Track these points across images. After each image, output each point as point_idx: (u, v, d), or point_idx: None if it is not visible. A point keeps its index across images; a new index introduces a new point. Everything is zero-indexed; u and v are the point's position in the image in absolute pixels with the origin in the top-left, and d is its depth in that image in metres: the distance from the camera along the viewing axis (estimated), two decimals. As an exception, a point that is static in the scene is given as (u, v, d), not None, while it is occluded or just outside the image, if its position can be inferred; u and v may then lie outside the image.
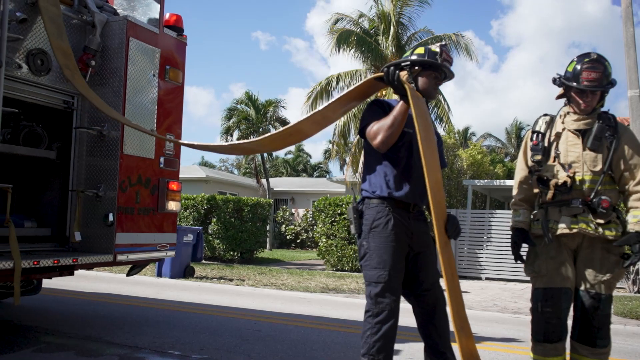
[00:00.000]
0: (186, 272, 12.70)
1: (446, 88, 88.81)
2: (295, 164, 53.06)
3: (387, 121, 3.41)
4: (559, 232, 3.61)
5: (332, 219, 16.23)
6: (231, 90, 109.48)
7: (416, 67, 3.54)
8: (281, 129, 3.92)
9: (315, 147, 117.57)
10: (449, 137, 18.12)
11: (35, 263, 4.45)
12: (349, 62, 47.94)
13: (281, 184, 32.87)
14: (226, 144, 5.32)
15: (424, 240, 3.62)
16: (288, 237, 26.73)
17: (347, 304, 9.41)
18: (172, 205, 5.66)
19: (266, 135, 4.08)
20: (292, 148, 54.63)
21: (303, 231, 26.43)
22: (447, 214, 3.41)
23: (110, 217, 5.12)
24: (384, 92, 22.38)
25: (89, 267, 5.13)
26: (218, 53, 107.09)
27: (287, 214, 27.81)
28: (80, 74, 4.92)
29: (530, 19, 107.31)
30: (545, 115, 3.89)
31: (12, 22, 4.45)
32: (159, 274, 12.50)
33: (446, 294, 3.28)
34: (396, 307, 3.43)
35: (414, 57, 3.57)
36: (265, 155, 30.20)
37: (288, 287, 11.52)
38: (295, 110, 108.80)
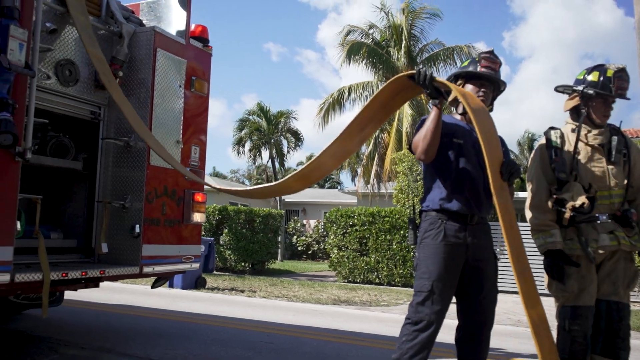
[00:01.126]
0: (198, 283, 12.65)
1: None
2: (307, 175, 52.90)
3: (422, 132, 3.43)
4: (601, 250, 3.55)
5: (344, 231, 16.19)
6: (243, 101, 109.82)
7: (459, 80, 3.61)
8: (306, 163, 3.92)
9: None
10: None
11: (64, 275, 4.41)
12: (360, 73, 48.13)
13: (293, 194, 32.67)
14: (248, 188, 5.23)
15: (482, 255, 3.54)
16: (299, 249, 26.63)
17: (360, 316, 9.35)
18: (197, 217, 5.62)
19: (289, 175, 4.14)
20: (303, 158, 54.70)
21: (314, 242, 26.32)
22: (505, 159, 3.33)
23: (137, 229, 5.08)
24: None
25: (115, 279, 5.09)
26: (230, 64, 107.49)
27: (299, 225, 27.73)
28: (116, 81, 4.90)
29: (543, 30, 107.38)
30: (554, 129, 3.81)
31: (42, 32, 4.43)
32: (171, 285, 12.46)
33: (505, 239, 3.18)
34: (436, 318, 3.36)
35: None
36: (277, 165, 30.21)
37: (300, 298, 11.49)
38: (307, 121, 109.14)
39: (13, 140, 3.75)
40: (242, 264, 17.45)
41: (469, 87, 3.60)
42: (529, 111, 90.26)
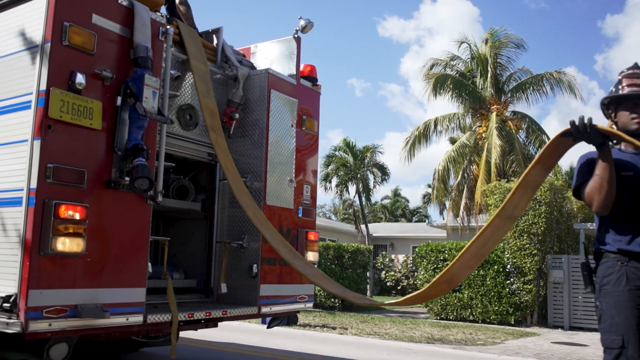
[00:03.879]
0: (289, 320, 12.55)
1: (550, 126, 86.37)
2: (394, 209, 52.65)
3: (595, 184, 3.13)
4: None
5: (435, 266, 15.85)
6: (328, 137, 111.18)
7: (610, 108, 3.36)
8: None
9: (413, 191, 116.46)
10: (555, 179, 17.46)
11: (190, 316, 4.48)
12: (446, 105, 47.81)
13: (380, 229, 32.55)
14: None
15: None
16: (388, 284, 26.29)
17: (456, 356, 9.04)
18: (311, 256, 5.62)
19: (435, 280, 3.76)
20: (389, 192, 54.43)
21: (403, 277, 25.89)
22: None
23: (254, 269, 5.12)
24: (483, 133, 21.98)
25: (235, 319, 5.12)
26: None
27: (387, 260, 27.43)
28: (224, 137, 4.98)
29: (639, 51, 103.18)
30: None
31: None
32: (264, 321, 12.45)
33: None
34: None
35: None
36: (364, 200, 30.22)
37: (392, 336, 11.25)
38: (392, 154, 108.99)
39: (149, 184, 3.88)
40: (332, 299, 17.36)
41: (623, 114, 3.30)
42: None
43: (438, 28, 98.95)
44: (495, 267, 14.86)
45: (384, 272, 26.66)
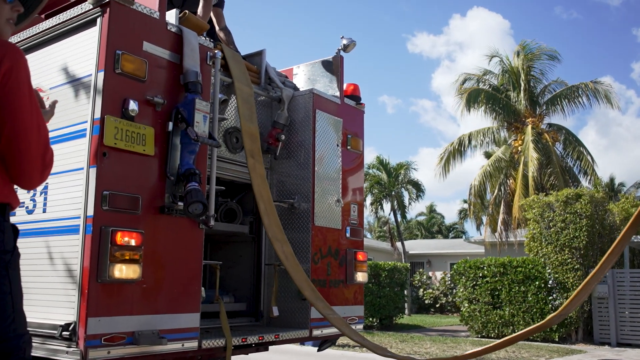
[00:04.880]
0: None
1: (587, 137, 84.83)
2: (430, 226, 52.18)
3: None
4: None
5: (474, 283, 15.61)
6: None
7: None
8: None
9: (449, 206, 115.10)
10: (596, 191, 17.11)
11: (244, 340, 4.44)
12: (479, 119, 47.44)
13: (416, 246, 32.26)
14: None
15: None
16: (426, 302, 26.00)
17: (500, 375, 8.84)
18: (360, 277, 5.53)
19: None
20: (424, 208, 54.02)
21: (442, 295, 25.60)
22: None
23: (305, 291, 5.05)
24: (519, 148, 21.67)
25: (287, 342, 5.06)
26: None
27: (424, 277, 27.14)
28: (262, 164, 4.91)
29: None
30: None
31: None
32: (302, 343, 12.35)
33: None
34: None
35: None
36: (399, 218, 30.03)
37: (432, 355, 11.16)
38: (427, 171, 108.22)
39: (203, 208, 3.87)
40: (370, 319, 17.24)
41: None
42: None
43: (469, 42, 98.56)
44: (537, 282, 14.55)
45: (421, 289, 26.38)
